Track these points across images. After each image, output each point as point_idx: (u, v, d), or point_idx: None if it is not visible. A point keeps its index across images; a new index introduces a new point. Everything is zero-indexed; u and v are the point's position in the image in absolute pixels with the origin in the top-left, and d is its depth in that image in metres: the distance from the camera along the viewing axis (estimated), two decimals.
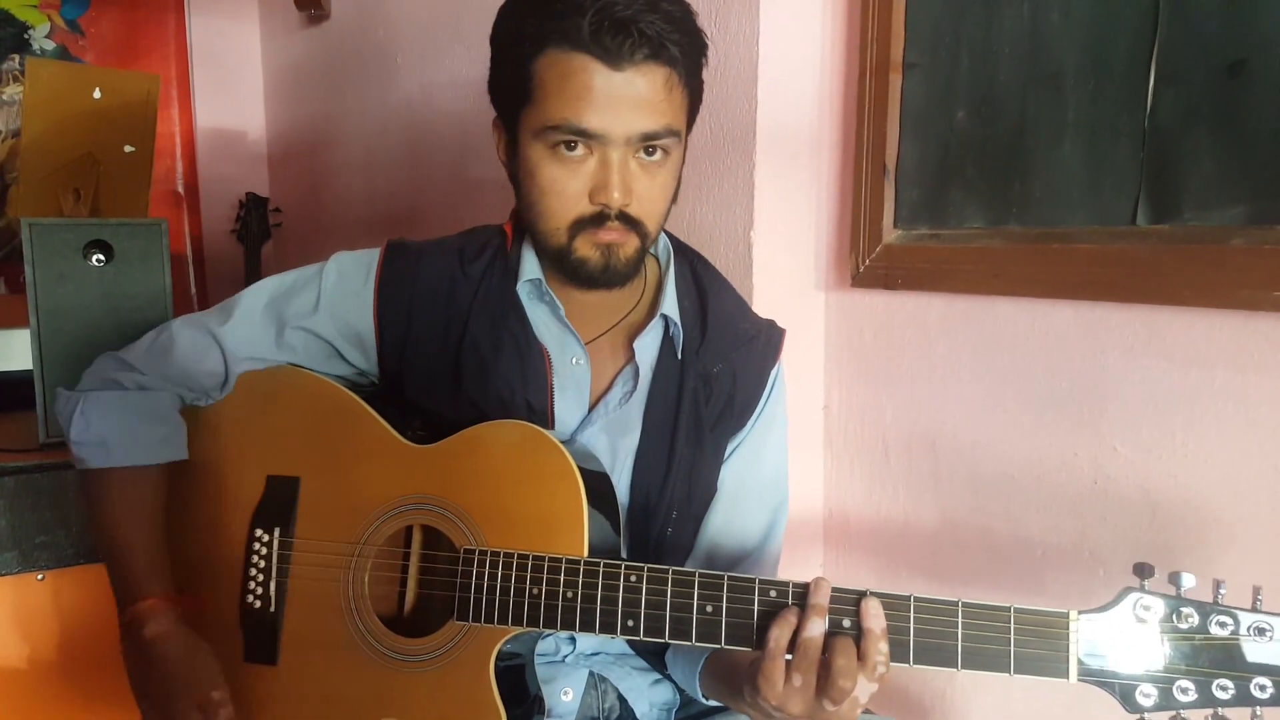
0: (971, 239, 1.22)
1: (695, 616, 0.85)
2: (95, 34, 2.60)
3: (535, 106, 0.94)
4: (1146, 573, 0.78)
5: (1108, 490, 1.10)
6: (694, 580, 0.86)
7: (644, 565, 0.87)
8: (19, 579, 1.32)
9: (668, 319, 1.05)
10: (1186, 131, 1.01)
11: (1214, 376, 1.00)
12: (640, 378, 1.05)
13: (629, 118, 0.91)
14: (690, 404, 1.04)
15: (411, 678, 0.96)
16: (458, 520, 0.95)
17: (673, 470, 1.03)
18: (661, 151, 0.95)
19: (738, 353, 1.08)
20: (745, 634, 0.84)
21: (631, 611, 0.87)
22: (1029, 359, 1.17)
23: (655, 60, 0.91)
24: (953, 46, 1.23)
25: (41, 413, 1.37)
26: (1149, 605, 0.77)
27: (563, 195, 0.95)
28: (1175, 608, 0.76)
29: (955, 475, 1.26)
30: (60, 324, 1.36)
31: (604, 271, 0.98)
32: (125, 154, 1.64)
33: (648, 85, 0.91)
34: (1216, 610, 0.76)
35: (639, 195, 0.95)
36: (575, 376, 1.05)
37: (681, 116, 0.97)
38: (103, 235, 1.38)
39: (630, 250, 0.97)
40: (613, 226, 0.95)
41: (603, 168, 0.93)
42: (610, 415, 1.04)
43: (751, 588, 0.84)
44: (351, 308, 1.07)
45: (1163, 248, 1.02)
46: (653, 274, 1.11)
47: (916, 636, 0.80)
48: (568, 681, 1.03)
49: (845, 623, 0.81)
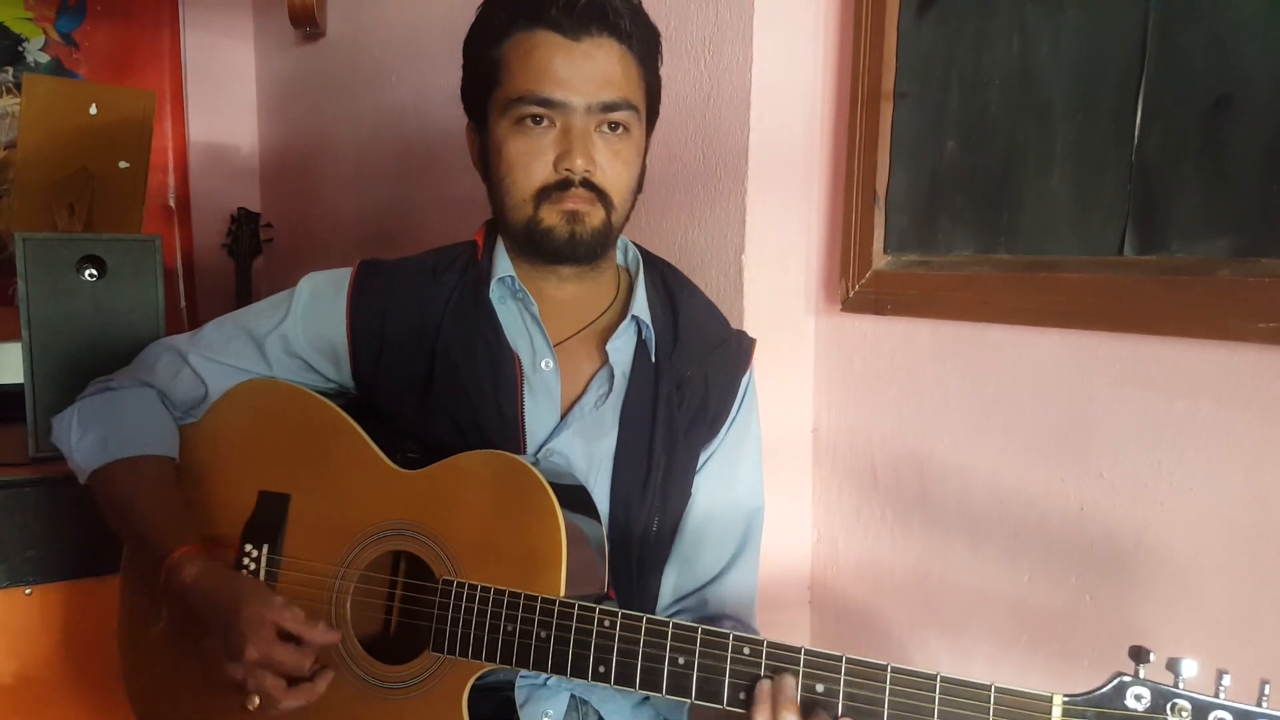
0: (960, 266, 1.23)
1: (666, 669, 0.84)
2: (90, 47, 2.60)
3: (502, 87, 1.01)
4: (1143, 657, 0.72)
5: (1094, 516, 1.11)
6: (668, 631, 0.84)
7: (618, 610, 0.86)
8: (7, 593, 1.32)
9: (639, 320, 1.07)
10: (1173, 164, 1.02)
11: (1199, 406, 1.01)
12: (615, 381, 1.06)
13: (589, 87, 0.98)
14: (665, 408, 1.05)
15: (387, 704, 0.95)
16: (438, 549, 0.95)
17: (652, 474, 1.04)
18: (623, 128, 1.01)
19: (710, 357, 1.09)
20: (716, 689, 0.82)
21: (603, 658, 0.86)
22: (1016, 386, 1.18)
23: (610, 34, 0.98)
24: (943, 77, 1.25)
25: (32, 426, 1.37)
26: (1140, 695, 0.71)
27: (528, 167, 1.00)
28: (1169, 699, 0.70)
29: (943, 499, 1.27)
30: (52, 338, 1.37)
31: (569, 241, 1.01)
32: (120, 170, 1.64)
33: (605, 57, 0.99)
34: (1215, 707, 0.69)
35: (601, 165, 1.00)
36: (545, 382, 1.05)
37: (639, 95, 1.03)
38: (96, 250, 1.38)
39: (596, 221, 1.01)
40: (578, 194, 0.99)
41: (565, 136, 0.99)
42: (585, 419, 1.05)
43: (725, 644, 0.82)
44: (325, 321, 1.09)
45: (1149, 278, 1.03)
46: (624, 281, 1.13)
47: (891, 710, 0.77)
48: (549, 704, 1.03)
49: (819, 688, 0.80)
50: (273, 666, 0.91)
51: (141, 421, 1.08)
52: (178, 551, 0.99)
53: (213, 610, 0.95)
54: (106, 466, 1.06)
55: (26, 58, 2.52)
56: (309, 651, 0.93)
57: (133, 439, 1.07)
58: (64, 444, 1.09)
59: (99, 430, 1.07)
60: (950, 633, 1.27)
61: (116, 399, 1.10)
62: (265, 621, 0.91)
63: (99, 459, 1.06)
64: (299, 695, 0.92)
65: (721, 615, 1.11)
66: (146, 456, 1.07)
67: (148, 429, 1.08)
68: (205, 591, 0.96)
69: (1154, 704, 0.71)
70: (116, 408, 1.09)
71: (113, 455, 1.06)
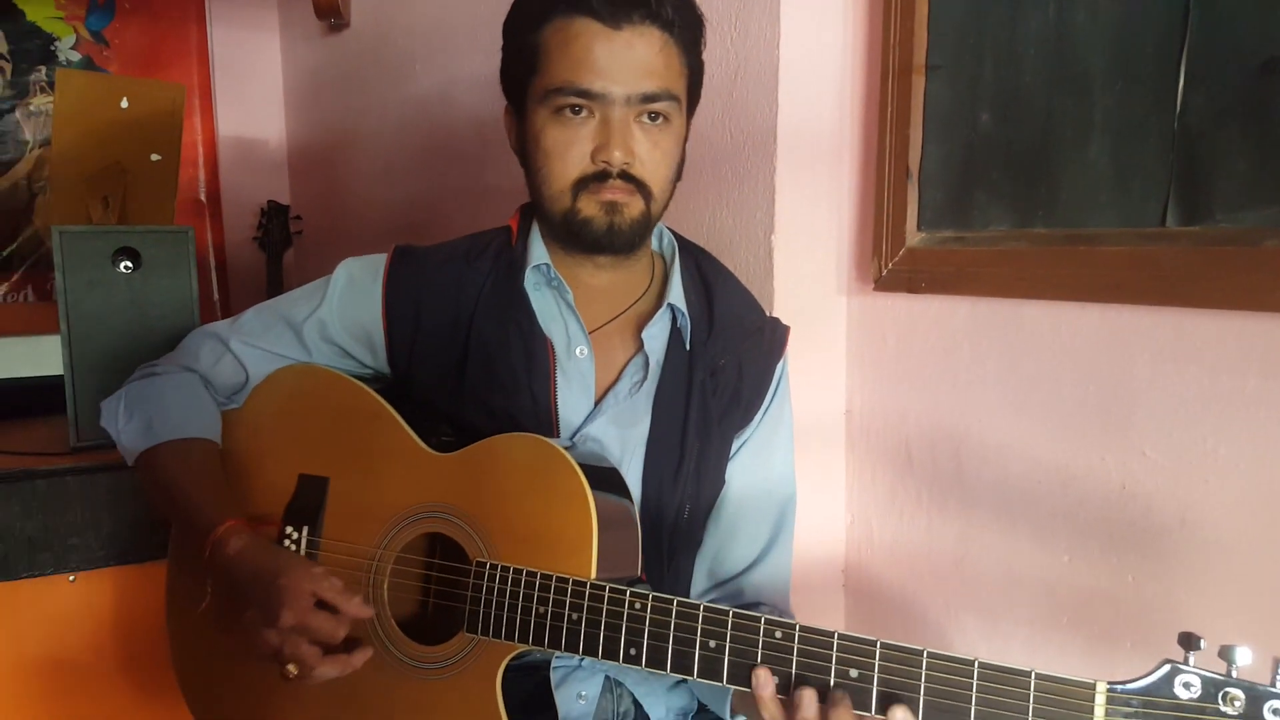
0: (996, 241, 1.21)
1: (698, 652, 0.83)
2: (119, 45, 2.63)
3: (540, 75, 0.98)
4: (1193, 644, 0.68)
5: (1136, 496, 1.09)
6: (699, 614, 0.83)
7: (649, 593, 0.86)
8: (51, 580, 1.34)
9: (675, 309, 1.06)
10: (1217, 131, 0.99)
11: (1246, 382, 0.99)
12: (650, 369, 1.06)
13: (629, 78, 0.96)
14: (699, 396, 1.05)
15: (422, 685, 0.96)
16: (471, 531, 0.96)
17: (685, 461, 1.04)
18: (663, 118, 0.99)
19: (744, 345, 1.09)
20: (747, 674, 0.81)
21: (634, 640, 0.85)
22: (1055, 363, 1.16)
23: (652, 22, 0.96)
24: (976, 48, 1.22)
25: (72, 417, 1.39)
26: (1190, 683, 0.67)
27: (565, 157, 0.99)
28: (1221, 688, 0.66)
29: (980, 481, 1.25)
30: (90, 329, 1.39)
31: (608, 232, 1.00)
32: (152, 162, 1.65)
33: (646, 46, 0.96)
34: (1272, 696, 0.65)
35: (640, 156, 0.98)
36: (580, 369, 1.05)
37: (680, 84, 1.01)
38: (131, 242, 1.39)
39: (635, 212, 1.00)
40: (616, 185, 0.98)
41: (604, 127, 0.97)
42: (619, 406, 1.05)
43: (757, 627, 0.81)
44: (361, 307, 1.10)
45: (1193, 250, 1.01)
46: (659, 268, 1.13)
47: (927, 695, 0.75)
48: (584, 686, 1.04)
49: (853, 673, 0.78)
50: (309, 633, 0.92)
51: (185, 406, 1.10)
52: (223, 526, 1.00)
53: (254, 581, 0.96)
54: (152, 449, 1.07)
55: (59, 56, 2.55)
56: (344, 621, 0.93)
57: (177, 422, 1.08)
58: (112, 428, 1.11)
59: (144, 414, 1.08)
60: (988, 616, 1.25)
61: (161, 384, 1.11)
62: (303, 590, 0.92)
63: (145, 442, 1.07)
64: (334, 665, 0.93)
65: (757, 603, 1.11)
66: (191, 439, 1.08)
67: (191, 413, 1.09)
68: (248, 563, 0.97)
69: (1205, 693, 0.67)
70: (161, 392, 1.10)
71: (158, 438, 1.07)
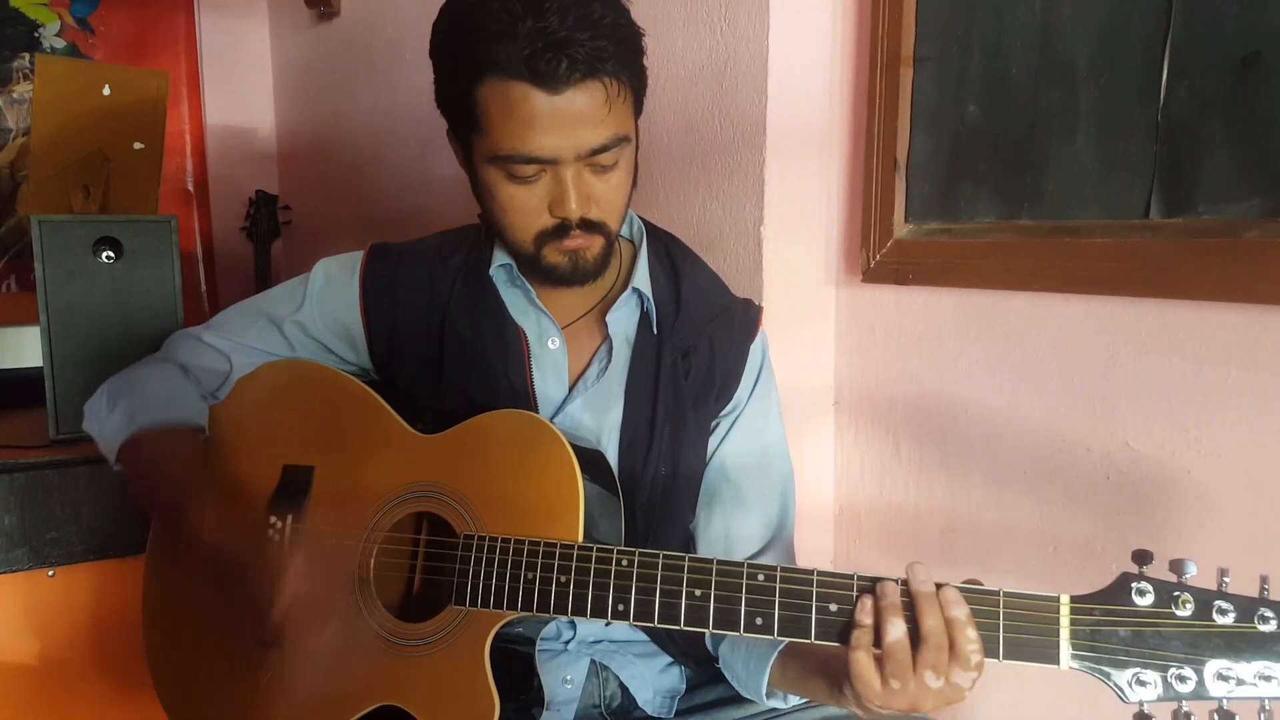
0: (983, 233, 1.21)
1: (684, 602, 0.86)
2: (105, 32, 2.60)
3: (484, 135, 0.96)
4: (1146, 559, 0.75)
5: (1121, 485, 1.09)
6: (684, 564, 0.86)
7: (635, 550, 0.88)
8: (30, 575, 1.33)
9: (640, 293, 1.07)
10: (1200, 124, 1.00)
11: (1228, 372, 0.99)
12: (615, 351, 1.07)
13: (576, 137, 0.93)
14: (669, 380, 1.06)
15: (410, 662, 0.96)
16: (459, 507, 0.97)
17: (654, 443, 1.05)
18: (615, 160, 0.97)
19: (712, 326, 1.09)
20: (733, 619, 0.84)
21: (622, 596, 0.88)
22: (1041, 354, 1.16)
23: (592, 78, 0.91)
24: (964, 40, 1.22)
25: (52, 409, 1.38)
26: (1145, 590, 0.74)
27: (523, 212, 0.98)
28: (1173, 593, 0.73)
29: (967, 470, 1.26)
30: (70, 320, 1.37)
31: (574, 273, 1.01)
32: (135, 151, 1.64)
33: (588, 100, 0.92)
34: (1219, 597, 0.72)
35: (596, 199, 0.97)
36: (553, 359, 1.07)
37: (628, 119, 0.98)
38: (112, 232, 1.38)
39: (596, 250, 1.00)
40: (576, 235, 0.98)
41: (558, 183, 0.95)
42: (590, 391, 1.06)
43: (740, 572, 0.85)
44: (340, 305, 1.12)
45: (1176, 241, 1.01)
46: (627, 253, 1.13)
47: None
48: (569, 669, 1.04)
49: (832, 608, 0.81)
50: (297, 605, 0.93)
51: (169, 391, 1.10)
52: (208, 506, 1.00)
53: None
54: (136, 435, 1.07)
55: (43, 43, 2.52)
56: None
57: (160, 407, 1.08)
58: (95, 425, 1.10)
59: (127, 403, 1.08)
60: None
61: (142, 373, 1.12)
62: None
63: (128, 429, 1.07)
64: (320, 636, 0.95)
65: None
66: (175, 427, 1.08)
67: (174, 398, 1.09)
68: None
69: (1159, 599, 0.74)
70: (144, 380, 1.11)
71: (140, 424, 1.06)
